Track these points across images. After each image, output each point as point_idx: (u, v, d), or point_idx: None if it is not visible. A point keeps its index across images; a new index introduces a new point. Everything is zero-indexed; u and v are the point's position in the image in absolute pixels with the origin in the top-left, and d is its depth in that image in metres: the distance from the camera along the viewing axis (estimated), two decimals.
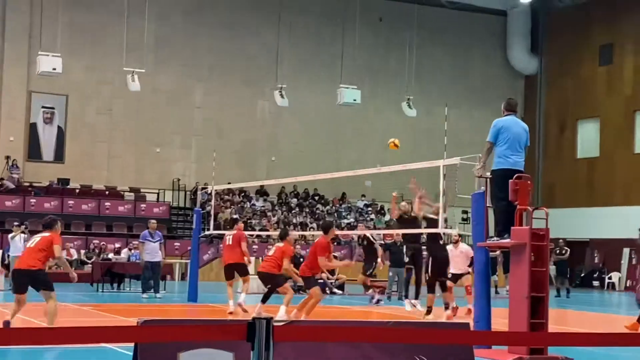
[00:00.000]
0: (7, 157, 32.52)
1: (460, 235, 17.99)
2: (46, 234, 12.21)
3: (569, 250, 28.37)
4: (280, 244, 15.52)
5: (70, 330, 4.21)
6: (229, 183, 28.90)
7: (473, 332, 8.77)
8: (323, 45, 37.82)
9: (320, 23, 37.98)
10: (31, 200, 30.67)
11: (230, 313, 15.96)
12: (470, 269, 17.28)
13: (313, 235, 31.73)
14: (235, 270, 17.08)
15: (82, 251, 28.93)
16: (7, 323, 11.99)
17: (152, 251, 19.93)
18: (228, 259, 17.03)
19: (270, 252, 15.94)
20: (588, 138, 38.95)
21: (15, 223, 22.81)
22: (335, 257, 16.86)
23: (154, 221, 20.76)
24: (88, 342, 4.10)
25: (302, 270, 14.92)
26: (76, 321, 14.22)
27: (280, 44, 35.04)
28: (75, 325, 10.23)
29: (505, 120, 11.19)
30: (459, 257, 17.49)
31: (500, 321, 11.60)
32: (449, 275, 17.04)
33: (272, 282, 15.41)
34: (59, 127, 33.98)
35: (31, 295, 12.12)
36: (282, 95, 32.87)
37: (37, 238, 12.31)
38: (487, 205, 11.35)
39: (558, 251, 27.91)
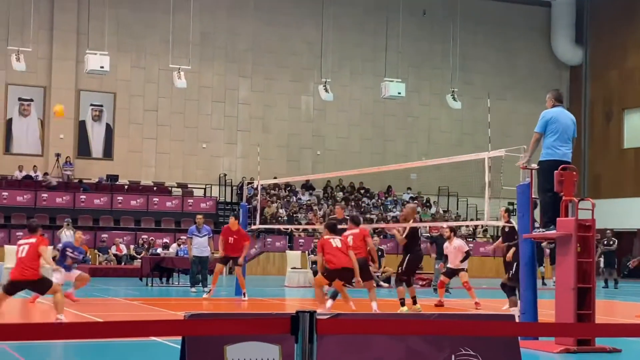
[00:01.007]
0: (58, 155, 33.07)
1: (452, 230, 17.87)
2: (32, 239, 12.35)
3: (616, 241, 28.06)
4: (356, 230, 15.15)
5: (120, 325, 4.32)
6: (275, 178, 29.10)
7: (519, 323, 8.75)
8: (367, 39, 37.81)
9: (363, 16, 37.97)
10: (81, 196, 31.15)
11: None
12: (463, 265, 17.36)
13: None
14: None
15: (132, 246, 29.35)
16: None
17: (199, 246, 20.10)
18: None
19: (350, 242, 14.54)
20: (634, 127, 38.43)
21: (66, 220, 23.16)
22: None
23: (200, 216, 20.93)
24: (137, 336, 4.21)
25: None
26: (126, 315, 14.47)
27: (324, 39, 35.10)
28: (126, 319, 10.43)
29: (554, 111, 11.13)
30: (452, 253, 17.51)
31: (547, 312, 11.55)
32: (443, 270, 17.71)
33: (366, 272, 14.74)
34: (107, 124, 34.47)
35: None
36: (326, 90, 32.94)
37: (25, 247, 12.29)
38: (533, 196, 11.29)
39: (605, 242, 27.64)
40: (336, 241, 14.41)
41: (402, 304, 15.18)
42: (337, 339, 6.18)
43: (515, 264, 14.12)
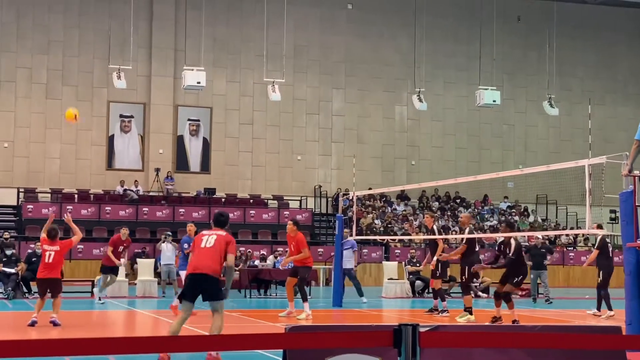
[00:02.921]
0: (157, 169, 33.87)
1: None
2: (57, 247, 13.75)
3: None
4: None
5: (223, 338, 4.42)
6: (370, 188, 29.08)
7: (625, 336, 8.52)
8: (460, 48, 37.53)
9: (456, 25, 37.71)
10: (180, 210, 31.79)
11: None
12: None
13: (455, 238, 31.46)
14: None
15: None
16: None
17: (343, 258, 20.38)
18: None
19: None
20: None
21: (168, 233, 23.61)
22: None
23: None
24: (240, 349, 4.27)
25: None
26: (226, 326, 14.68)
27: (417, 49, 35.00)
28: (226, 331, 10.59)
29: None
30: None
31: None
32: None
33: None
34: (204, 138, 35.13)
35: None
36: (420, 100, 32.79)
37: (51, 253, 13.71)
38: (637, 204, 10.98)
39: None
40: None
41: (471, 312, 15.41)
42: (439, 352, 6.14)
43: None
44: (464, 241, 15.86)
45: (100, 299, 19.05)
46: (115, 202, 31.98)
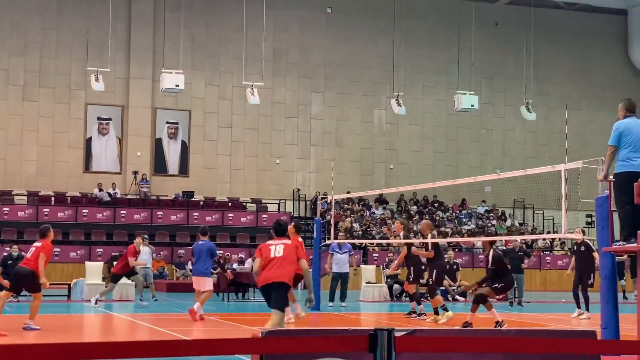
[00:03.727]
0: (135, 172, 33.73)
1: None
2: (39, 243, 13.47)
3: None
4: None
5: (198, 343, 4.39)
6: (349, 192, 29.12)
7: (600, 340, 8.56)
8: (439, 52, 37.66)
9: (435, 29, 37.84)
10: (158, 213, 31.67)
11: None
12: None
13: (422, 243, 31.52)
14: None
15: None
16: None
17: (340, 262, 20.55)
18: None
19: None
20: None
21: (145, 235, 23.53)
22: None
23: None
24: (213, 354, 4.25)
25: None
26: (203, 330, 14.62)
27: (396, 53, 35.09)
28: (203, 334, 10.54)
29: (626, 122, 10.92)
30: None
31: (630, 327, 11.27)
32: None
33: None
34: (182, 141, 35.03)
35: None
36: (399, 104, 32.88)
37: (32, 248, 13.54)
38: (612, 209, 11.06)
39: None
40: None
41: (445, 309, 15.98)
42: (415, 356, 6.14)
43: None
44: (430, 247, 16.18)
45: (97, 303, 19.04)
46: (92, 205, 31.80)
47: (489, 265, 14.84)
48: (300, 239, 15.22)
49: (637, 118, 11.14)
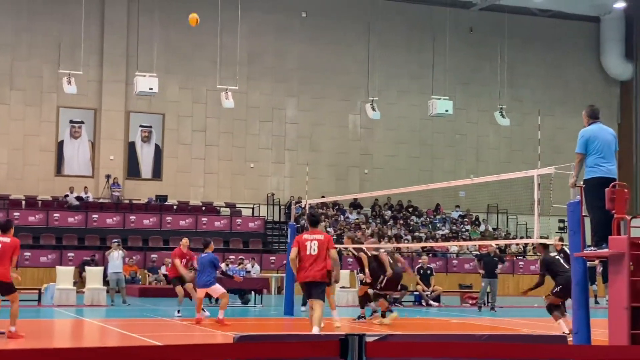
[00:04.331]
0: (108, 176, 33.51)
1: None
2: (6, 239, 12.59)
3: None
4: None
5: (168, 348, 4.34)
6: (323, 197, 29.10)
7: (571, 346, 8.59)
8: (413, 57, 37.78)
9: (410, 34, 37.96)
10: (131, 217, 31.48)
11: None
12: None
13: (408, 247, 31.64)
14: None
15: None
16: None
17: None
18: None
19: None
20: None
21: (115, 240, 23.39)
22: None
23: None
24: (187, 359, 4.21)
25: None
26: (176, 335, 14.53)
27: (371, 58, 35.15)
28: (176, 340, 10.47)
29: (591, 129, 11.01)
30: None
31: (602, 332, 11.34)
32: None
33: None
34: (156, 145, 34.86)
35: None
36: (373, 108, 32.93)
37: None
38: (584, 214, 11.13)
39: None
40: None
41: (391, 310, 17.20)
42: None
43: None
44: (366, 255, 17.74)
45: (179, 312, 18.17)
46: (63, 209, 31.55)
47: (539, 271, 14.99)
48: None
49: (602, 123, 11.24)
